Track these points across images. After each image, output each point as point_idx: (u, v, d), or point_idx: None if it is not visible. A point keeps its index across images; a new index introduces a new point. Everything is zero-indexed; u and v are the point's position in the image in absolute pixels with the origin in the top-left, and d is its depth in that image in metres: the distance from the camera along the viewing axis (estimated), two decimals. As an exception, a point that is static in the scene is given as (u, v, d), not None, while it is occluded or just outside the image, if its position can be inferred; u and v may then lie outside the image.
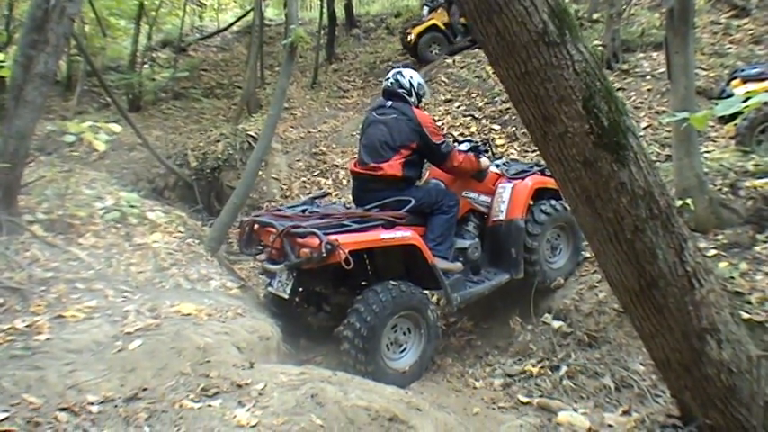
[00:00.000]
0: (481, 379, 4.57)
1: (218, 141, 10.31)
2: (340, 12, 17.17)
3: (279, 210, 4.97)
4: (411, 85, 4.91)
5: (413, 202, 4.55)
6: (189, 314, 3.68)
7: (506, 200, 5.03)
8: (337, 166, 10.04)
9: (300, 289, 4.70)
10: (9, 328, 3.11)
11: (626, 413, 3.50)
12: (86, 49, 9.72)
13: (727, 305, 2.30)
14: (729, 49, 9.22)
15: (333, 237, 3.93)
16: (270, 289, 4.58)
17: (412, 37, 13.01)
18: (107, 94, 9.61)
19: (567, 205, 4.34)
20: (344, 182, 9.53)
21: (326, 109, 13.08)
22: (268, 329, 3.87)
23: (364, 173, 4.73)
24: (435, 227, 4.68)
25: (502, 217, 5.02)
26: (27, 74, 4.51)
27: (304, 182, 9.75)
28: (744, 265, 4.27)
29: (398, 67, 5.09)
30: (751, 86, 6.07)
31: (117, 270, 4.36)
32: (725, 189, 5.21)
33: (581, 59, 1.99)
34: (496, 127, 9.25)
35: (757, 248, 4.48)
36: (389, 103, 4.83)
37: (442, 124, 9.66)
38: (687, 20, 4.89)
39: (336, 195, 9.18)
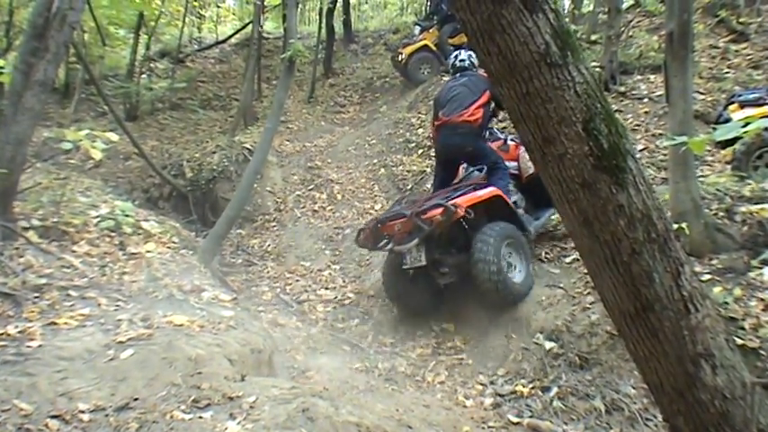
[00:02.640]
0: (472, 398, 4.55)
1: (214, 153, 10.31)
2: (338, 27, 17.26)
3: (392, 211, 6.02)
4: (464, 59, 6.51)
5: (485, 168, 6.09)
6: (181, 325, 3.67)
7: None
8: (332, 180, 10.05)
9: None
10: (2, 334, 3.09)
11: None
12: (85, 58, 9.72)
13: (723, 330, 2.30)
14: (727, 73, 9.27)
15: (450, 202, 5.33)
16: (404, 266, 5.73)
17: (403, 56, 13.03)
18: (104, 102, 9.61)
19: None
20: (339, 197, 9.55)
21: (323, 123, 13.13)
22: (260, 342, 3.85)
23: (450, 121, 6.03)
24: (498, 180, 5.92)
25: (531, 171, 6.23)
26: (26, 81, 4.52)
27: (299, 195, 9.76)
28: (738, 291, 4.28)
29: (458, 50, 6.74)
30: (749, 111, 6.11)
31: (110, 279, 4.35)
32: (720, 214, 5.23)
33: (582, 81, 1.99)
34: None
35: (752, 274, 4.49)
36: (458, 75, 6.40)
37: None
38: (686, 44, 4.94)
39: (330, 210, 9.20)
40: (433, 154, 7.67)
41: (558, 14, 2.01)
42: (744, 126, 2.15)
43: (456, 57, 6.62)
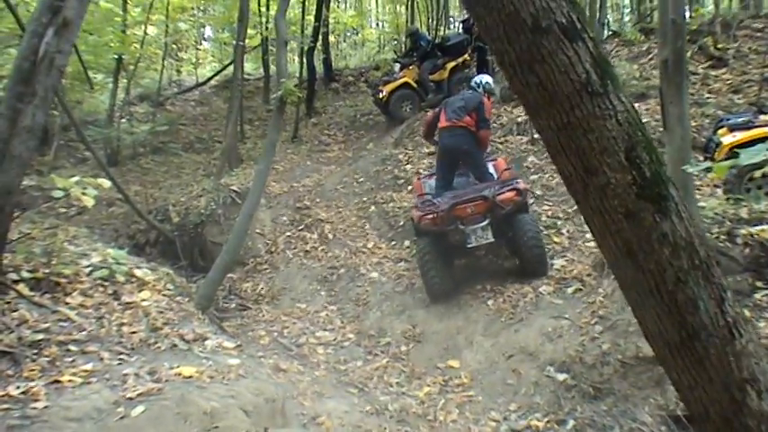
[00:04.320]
0: (487, 436, 4.42)
1: (201, 196, 10.16)
2: (319, 66, 17.32)
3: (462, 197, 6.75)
4: (480, 83, 7.67)
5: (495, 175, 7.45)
6: (190, 377, 3.51)
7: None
8: (322, 220, 9.93)
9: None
10: (3, 396, 2.92)
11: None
12: (66, 103, 9.58)
13: (766, 355, 2.24)
14: (709, 98, 9.41)
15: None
16: (470, 245, 6.54)
17: (384, 94, 13.02)
18: (87, 147, 9.47)
19: None
20: (330, 236, 9.43)
21: (308, 163, 13.05)
22: (273, 390, 3.70)
23: (452, 125, 7.22)
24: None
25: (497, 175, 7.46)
26: (13, 127, 4.36)
27: (289, 236, 9.61)
28: (746, 313, 4.22)
29: (480, 75, 8.05)
30: (739, 135, 6.17)
31: (109, 331, 4.17)
32: (722, 237, 5.20)
33: (623, 110, 1.95)
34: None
35: (757, 296, 4.45)
36: (469, 91, 7.68)
37: (426, 168, 9.97)
38: (681, 70, 4.96)
39: (323, 250, 9.07)
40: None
41: (597, 43, 1.96)
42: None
43: (477, 79, 7.86)
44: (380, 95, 13.13)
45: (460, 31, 14.47)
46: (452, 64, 13.13)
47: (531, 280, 6.48)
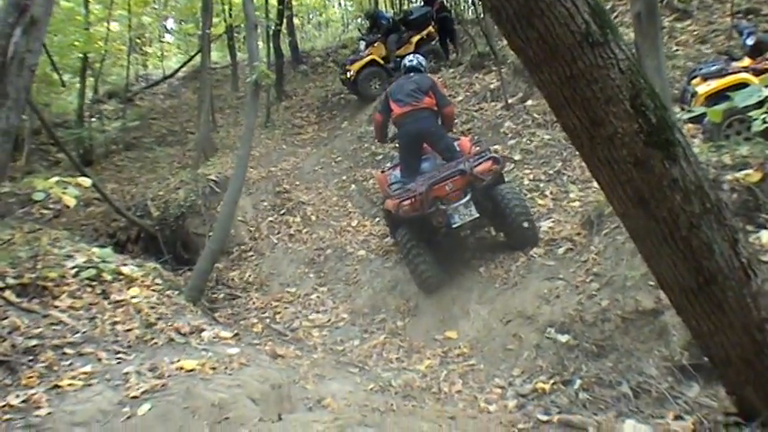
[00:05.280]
0: (494, 402, 4.39)
1: (179, 189, 10.03)
2: (285, 49, 17.08)
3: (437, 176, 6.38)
4: (420, 63, 7.50)
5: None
6: (193, 370, 3.46)
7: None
8: (304, 202, 9.86)
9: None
10: (4, 406, 2.84)
11: (678, 418, 3.37)
12: (36, 105, 9.36)
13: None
14: (677, 51, 9.41)
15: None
16: (455, 225, 6.17)
17: (351, 73, 12.91)
18: (60, 148, 9.29)
19: None
20: (313, 218, 9.37)
21: (284, 146, 12.93)
22: (278, 377, 3.66)
23: (412, 109, 6.85)
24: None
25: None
26: (-13, 132, 4.26)
27: (272, 222, 9.52)
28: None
29: (414, 55, 7.76)
30: (713, 83, 6.18)
31: (103, 330, 4.09)
32: (708, 184, 5.21)
33: (624, 58, 1.92)
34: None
35: (749, 239, 4.47)
36: (411, 74, 7.27)
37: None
38: (655, 23, 4.95)
39: (307, 233, 9.00)
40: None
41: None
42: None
43: (410, 60, 7.55)
44: (348, 75, 13.01)
45: (422, 3, 14.34)
46: (417, 37, 13.09)
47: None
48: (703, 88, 6.25)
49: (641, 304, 4.23)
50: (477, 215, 6.17)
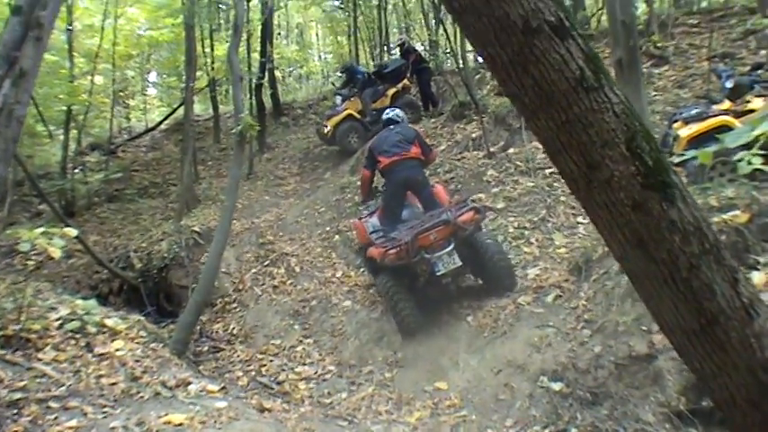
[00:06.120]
0: (489, 456, 4.35)
1: (162, 240, 9.97)
2: (267, 102, 17.26)
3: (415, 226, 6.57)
4: (399, 116, 7.80)
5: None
6: (181, 424, 3.38)
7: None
8: (287, 253, 9.78)
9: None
10: (-12, 462, 2.74)
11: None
12: (20, 156, 9.33)
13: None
14: (656, 96, 9.63)
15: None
16: (438, 273, 6.26)
17: (329, 129, 12.99)
18: (43, 200, 9.24)
19: None
20: (297, 269, 9.29)
21: (266, 198, 12.94)
22: (267, 431, 3.57)
23: (401, 158, 7.17)
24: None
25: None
26: (-26, 182, 4.23)
27: (255, 273, 9.43)
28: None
29: (391, 109, 8.19)
30: (694, 126, 6.26)
31: (88, 384, 3.99)
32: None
33: (618, 102, 1.95)
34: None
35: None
36: (392, 126, 7.62)
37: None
38: (637, 69, 5.08)
39: (291, 284, 8.93)
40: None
41: (585, 40, 1.97)
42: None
43: (388, 113, 7.91)
44: (325, 130, 13.10)
45: (399, 55, 14.60)
46: (393, 90, 13.29)
47: (508, 293, 6.46)
48: (685, 132, 6.32)
49: (634, 349, 4.21)
50: (461, 263, 6.30)
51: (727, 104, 6.46)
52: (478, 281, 6.99)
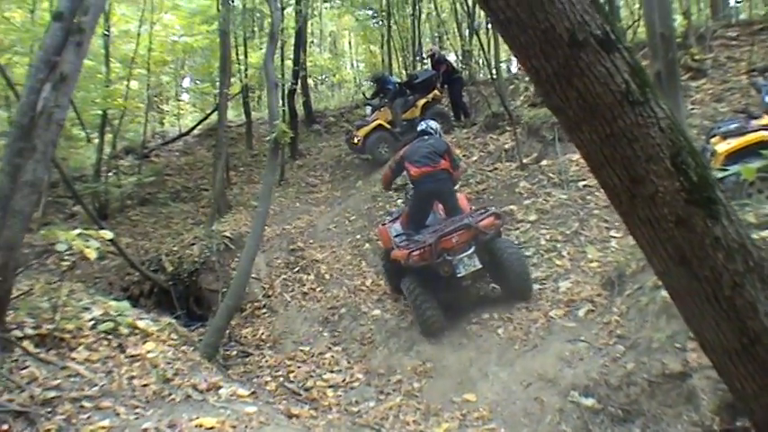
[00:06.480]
0: (518, 471, 4.30)
1: (193, 244, 10.07)
2: (299, 109, 17.36)
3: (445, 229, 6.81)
4: (433, 128, 8.03)
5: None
6: (212, 428, 3.40)
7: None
8: (317, 260, 9.83)
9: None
10: (24, 459, 2.79)
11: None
12: (56, 158, 9.50)
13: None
14: (693, 110, 9.47)
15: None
16: (459, 274, 6.55)
17: (359, 138, 12.97)
18: (77, 201, 9.38)
19: None
20: (327, 276, 9.32)
21: (298, 205, 12.99)
22: (297, 436, 3.58)
23: (431, 170, 7.40)
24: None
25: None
26: (14, 183, 4.29)
27: (285, 279, 9.49)
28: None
29: (427, 120, 8.46)
30: (733, 141, 6.15)
31: (121, 384, 4.04)
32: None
33: (664, 116, 1.93)
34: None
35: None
36: (426, 137, 7.84)
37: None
38: (676, 82, 5.01)
39: (321, 291, 8.96)
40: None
41: (631, 53, 1.95)
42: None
43: (422, 125, 8.16)
44: (355, 140, 13.09)
45: (429, 67, 14.57)
46: (423, 101, 13.24)
47: (539, 305, 6.40)
48: (723, 147, 6.19)
49: (668, 367, 4.14)
50: (481, 266, 6.61)
51: (766, 119, 6.33)
52: (496, 288, 7.23)
